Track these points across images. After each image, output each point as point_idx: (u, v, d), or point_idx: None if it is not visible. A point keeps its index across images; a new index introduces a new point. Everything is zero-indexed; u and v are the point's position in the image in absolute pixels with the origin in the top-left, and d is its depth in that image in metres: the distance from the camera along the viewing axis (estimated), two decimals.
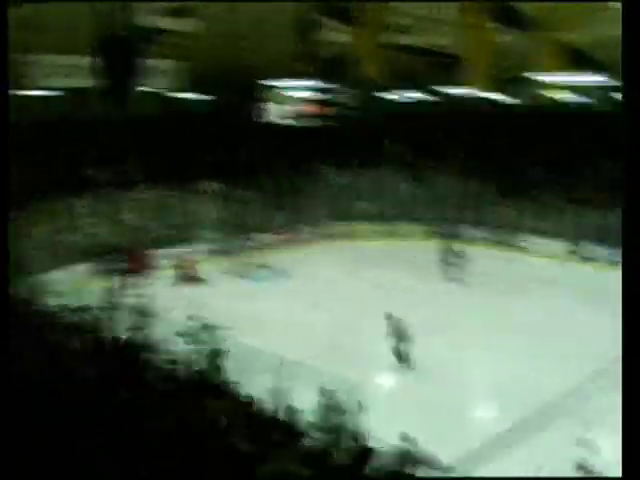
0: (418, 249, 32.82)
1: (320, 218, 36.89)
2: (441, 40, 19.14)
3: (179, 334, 15.84)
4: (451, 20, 16.21)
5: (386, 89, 22.98)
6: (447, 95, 26.08)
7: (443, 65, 23.66)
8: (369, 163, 38.43)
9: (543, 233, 32.00)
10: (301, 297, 24.09)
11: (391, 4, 14.20)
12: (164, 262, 29.66)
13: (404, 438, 9.68)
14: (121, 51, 13.65)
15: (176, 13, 19.43)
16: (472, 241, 32.36)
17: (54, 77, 17.23)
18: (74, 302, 19.74)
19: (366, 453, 9.55)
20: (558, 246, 30.87)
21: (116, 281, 26.20)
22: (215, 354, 14.57)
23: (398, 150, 39.28)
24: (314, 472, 7.14)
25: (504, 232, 33.20)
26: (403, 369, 18.85)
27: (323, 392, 12.99)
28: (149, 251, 30.28)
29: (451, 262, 27.36)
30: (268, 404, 11.41)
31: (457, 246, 28.70)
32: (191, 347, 16.08)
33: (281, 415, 11.75)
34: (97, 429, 5.44)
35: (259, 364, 15.50)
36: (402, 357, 19.12)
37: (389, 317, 19.39)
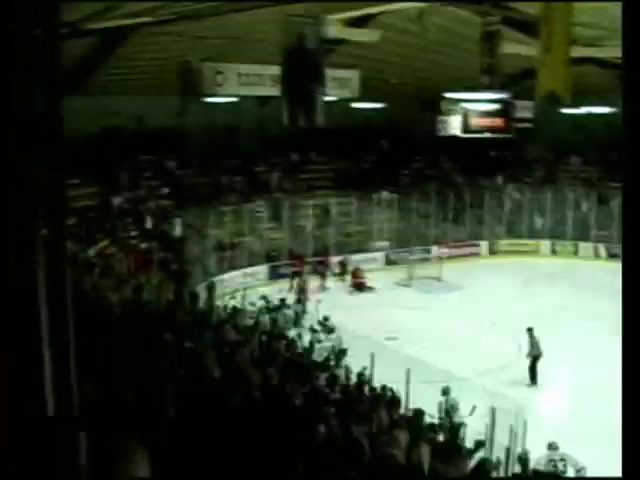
0: (597, 269, 31.75)
1: (497, 233, 36.38)
2: None
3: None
4: None
5: (573, 104, 22.20)
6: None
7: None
8: (550, 179, 37.53)
9: None
10: (468, 312, 23.76)
11: (578, 16, 13.74)
12: (337, 269, 30.20)
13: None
14: (308, 61, 13.95)
15: (358, 23, 19.63)
16: None
17: (244, 86, 17.83)
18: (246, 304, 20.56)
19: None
20: None
21: (291, 285, 27.10)
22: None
23: (581, 167, 38.07)
24: None
25: None
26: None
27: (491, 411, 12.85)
28: (323, 257, 30.91)
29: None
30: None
31: None
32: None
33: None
34: (271, 428, 5.58)
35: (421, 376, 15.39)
36: (534, 377, 18.83)
37: (530, 334, 19.14)
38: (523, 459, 11.08)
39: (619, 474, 3.23)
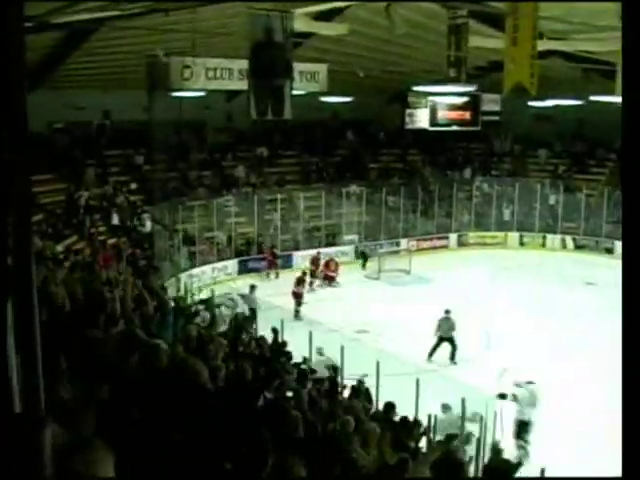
0: (564, 260, 32.48)
1: (466, 225, 36.66)
2: (599, 47, 18.43)
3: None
4: (609, 26, 15.58)
5: (538, 97, 22.35)
6: (603, 103, 25.14)
7: (602, 73, 22.84)
8: (518, 172, 37.90)
9: None
10: (438, 304, 23.82)
11: (544, 9, 13.85)
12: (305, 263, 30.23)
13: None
14: (275, 55, 13.92)
15: (325, 17, 19.61)
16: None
17: (212, 80, 17.72)
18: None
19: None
20: None
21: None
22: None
23: (549, 160, 38.46)
24: None
25: None
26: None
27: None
28: (292, 252, 30.99)
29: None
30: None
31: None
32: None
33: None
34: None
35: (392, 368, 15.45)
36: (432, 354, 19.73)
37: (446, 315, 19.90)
38: (497, 449, 11.15)
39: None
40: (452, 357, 19.89)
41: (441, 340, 19.94)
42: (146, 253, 25.04)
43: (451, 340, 19.95)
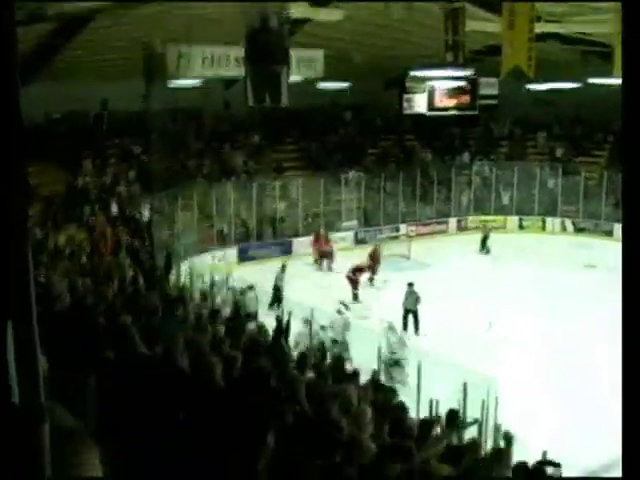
0: (564, 243, 32.63)
1: (465, 210, 36.66)
2: (596, 29, 18.39)
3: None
4: (606, 8, 15.54)
5: (536, 80, 22.29)
6: (601, 86, 25.07)
7: (600, 55, 22.78)
8: (516, 156, 37.85)
9: None
10: (438, 289, 23.82)
11: None
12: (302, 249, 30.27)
13: None
14: (272, 41, 13.88)
15: (321, 2, 19.53)
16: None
17: (209, 67, 17.68)
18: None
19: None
20: None
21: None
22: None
23: (547, 143, 38.40)
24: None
25: None
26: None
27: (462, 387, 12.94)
28: (292, 238, 31.02)
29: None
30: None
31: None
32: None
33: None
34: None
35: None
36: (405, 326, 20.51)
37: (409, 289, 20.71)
38: (508, 436, 11.09)
39: None
40: (416, 329, 20.97)
41: (407, 312, 20.90)
42: (146, 242, 24.99)
43: (415, 313, 21.00)
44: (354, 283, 24.47)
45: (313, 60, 19.56)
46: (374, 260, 27.18)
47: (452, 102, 26.91)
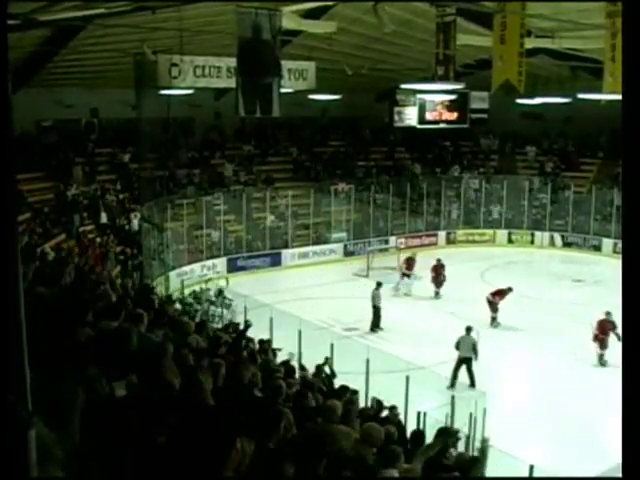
0: (552, 257, 32.97)
1: (454, 223, 36.73)
2: (586, 44, 18.49)
3: None
4: (597, 24, 15.64)
5: (526, 94, 22.41)
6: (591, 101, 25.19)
7: (589, 71, 22.94)
8: (506, 169, 37.99)
9: None
10: (427, 302, 23.85)
11: (532, 7, 13.94)
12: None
13: None
14: (264, 52, 13.89)
15: (314, 15, 19.60)
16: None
17: (200, 77, 17.70)
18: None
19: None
20: None
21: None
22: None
23: (537, 157, 38.56)
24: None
25: None
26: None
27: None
28: (281, 250, 30.95)
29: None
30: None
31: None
32: None
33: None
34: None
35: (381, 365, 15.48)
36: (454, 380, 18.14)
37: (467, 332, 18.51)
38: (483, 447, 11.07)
39: None
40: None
41: (461, 362, 18.66)
42: (135, 251, 24.93)
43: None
44: (493, 306, 22.98)
45: (305, 72, 19.57)
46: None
47: (443, 115, 27.04)
